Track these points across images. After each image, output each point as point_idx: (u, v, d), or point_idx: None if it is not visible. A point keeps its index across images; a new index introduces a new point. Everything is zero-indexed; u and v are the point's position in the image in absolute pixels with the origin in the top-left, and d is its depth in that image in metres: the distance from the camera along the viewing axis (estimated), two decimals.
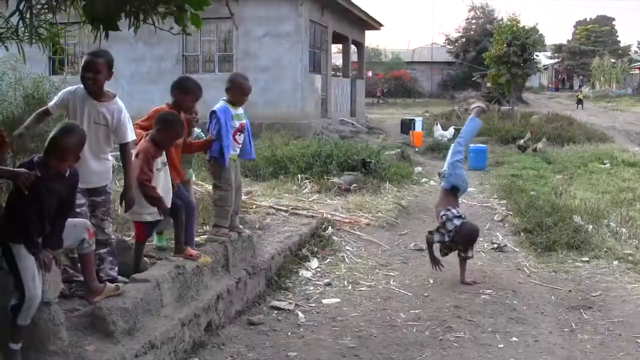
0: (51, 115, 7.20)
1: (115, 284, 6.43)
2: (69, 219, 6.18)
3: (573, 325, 8.54)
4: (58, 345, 5.53)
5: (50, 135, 5.60)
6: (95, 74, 6.86)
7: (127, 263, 7.53)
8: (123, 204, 7.24)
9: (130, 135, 7.20)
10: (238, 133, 8.81)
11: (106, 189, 7.22)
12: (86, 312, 6.16)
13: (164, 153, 7.66)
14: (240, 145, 8.94)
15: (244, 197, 12.93)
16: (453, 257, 11.50)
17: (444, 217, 10.15)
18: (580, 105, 63.91)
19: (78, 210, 6.80)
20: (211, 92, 9.37)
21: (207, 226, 9.81)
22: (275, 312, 8.65)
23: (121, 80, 27.65)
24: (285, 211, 12.58)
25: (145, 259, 7.89)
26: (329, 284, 9.87)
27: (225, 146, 8.53)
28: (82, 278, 6.70)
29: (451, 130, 31.23)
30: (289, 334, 7.99)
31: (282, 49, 29.44)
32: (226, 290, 8.05)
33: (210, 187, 13.49)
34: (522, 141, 28.58)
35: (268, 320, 8.37)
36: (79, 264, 6.67)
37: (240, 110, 8.85)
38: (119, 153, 7.28)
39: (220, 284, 8.07)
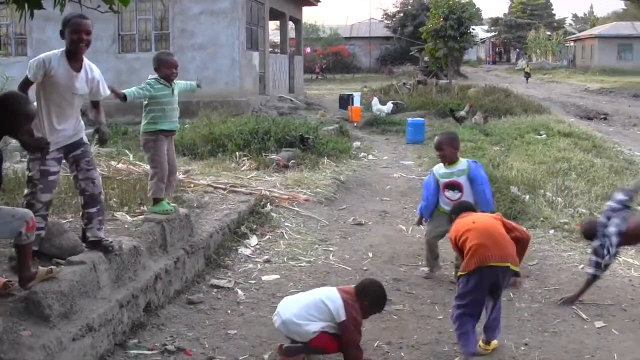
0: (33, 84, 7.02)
1: (49, 267, 6.34)
2: (9, 208, 6.10)
3: (511, 294, 8.63)
4: None
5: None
6: (90, 35, 6.84)
7: (63, 246, 7.43)
8: (96, 138, 7.51)
9: (104, 91, 7.26)
10: (446, 189, 9.25)
11: (82, 141, 7.23)
12: (21, 297, 6.07)
13: None
14: (451, 200, 9.14)
15: (181, 177, 12.88)
16: (390, 230, 11.62)
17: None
18: (527, 79, 64.56)
19: (52, 178, 6.90)
20: (147, 71, 9.28)
21: (145, 206, 9.75)
22: (215, 290, 8.63)
23: None
24: (224, 189, 12.52)
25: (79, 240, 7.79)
26: (268, 261, 9.87)
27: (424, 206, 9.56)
28: (35, 248, 6.72)
29: (389, 105, 31.35)
30: (229, 311, 7.99)
31: (219, 27, 29.31)
32: (164, 270, 8.00)
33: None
34: (461, 112, 28.70)
35: (207, 299, 8.35)
36: None
37: (452, 169, 9.27)
38: None
39: (158, 264, 8.02)
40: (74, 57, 6.84)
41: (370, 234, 11.58)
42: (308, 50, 69.65)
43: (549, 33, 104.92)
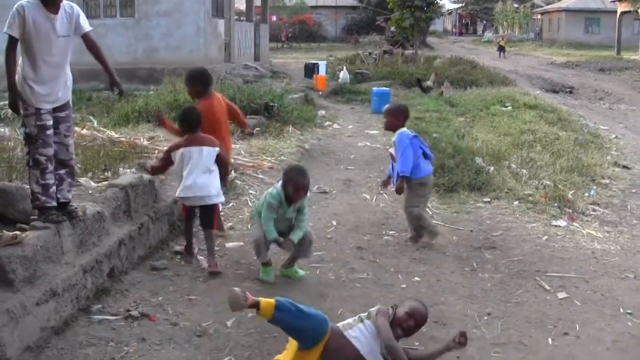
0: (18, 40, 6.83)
1: (13, 232, 6.29)
2: None
3: (474, 264, 8.73)
4: None
5: None
6: None
7: (27, 211, 7.35)
8: (116, 91, 7.43)
9: (85, 25, 7.13)
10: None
11: (69, 104, 7.12)
12: None
13: None
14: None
15: (145, 143, 12.80)
16: (355, 199, 11.63)
17: None
18: (502, 53, 62.63)
19: (49, 132, 6.76)
20: (113, 37, 9.21)
21: (108, 172, 9.70)
22: (179, 256, 8.61)
23: None
24: None
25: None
26: (232, 228, 9.88)
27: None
28: (54, 203, 6.82)
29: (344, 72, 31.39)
30: (193, 278, 7.98)
31: None
32: (128, 236, 7.97)
33: (112, 133, 13.35)
34: (427, 82, 28.76)
35: (171, 265, 8.33)
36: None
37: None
38: None
39: (122, 229, 7.98)
40: (49, 1, 6.72)
41: (335, 203, 11.60)
42: (274, 18, 69.30)
43: (516, 5, 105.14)
